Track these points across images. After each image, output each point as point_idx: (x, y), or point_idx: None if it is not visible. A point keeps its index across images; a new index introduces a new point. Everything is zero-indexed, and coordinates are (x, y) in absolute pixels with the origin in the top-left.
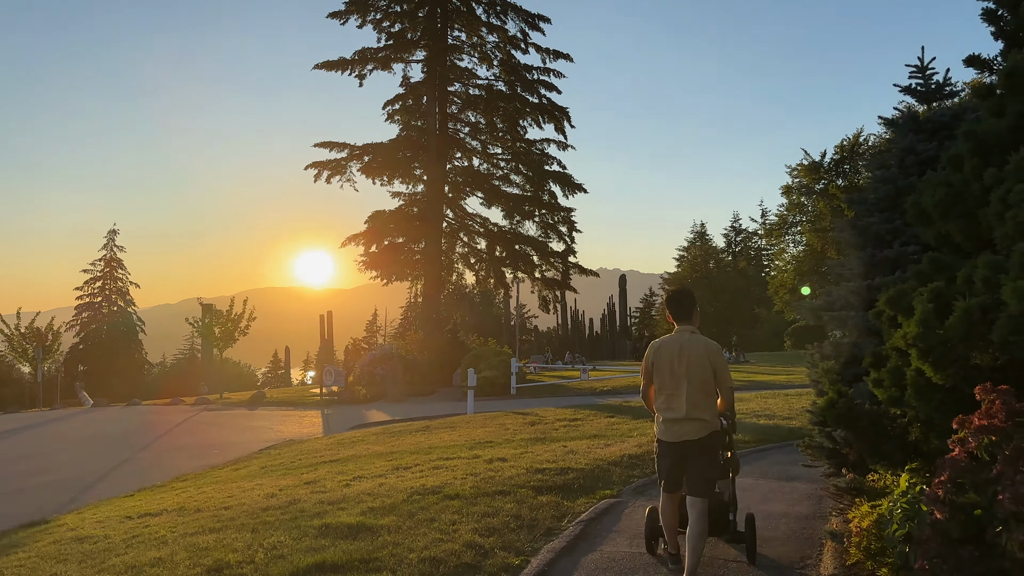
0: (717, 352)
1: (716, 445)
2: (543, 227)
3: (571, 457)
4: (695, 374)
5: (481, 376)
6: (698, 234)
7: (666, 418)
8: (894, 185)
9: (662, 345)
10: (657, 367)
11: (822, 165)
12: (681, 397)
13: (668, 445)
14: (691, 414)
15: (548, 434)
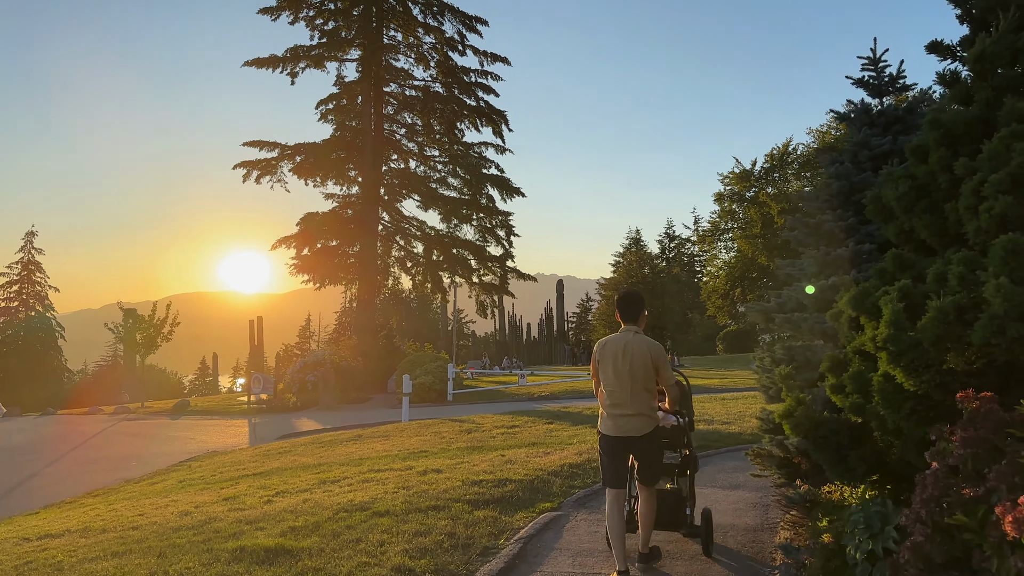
0: (659, 351)
1: (659, 438)
2: (481, 231)
3: (509, 467)
4: (638, 372)
5: (417, 382)
6: (633, 240)
7: (610, 413)
8: (848, 181)
9: (607, 344)
10: (602, 365)
11: (753, 173)
12: (625, 394)
13: (611, 440)
14: (635, 410)
15: (485, 442)
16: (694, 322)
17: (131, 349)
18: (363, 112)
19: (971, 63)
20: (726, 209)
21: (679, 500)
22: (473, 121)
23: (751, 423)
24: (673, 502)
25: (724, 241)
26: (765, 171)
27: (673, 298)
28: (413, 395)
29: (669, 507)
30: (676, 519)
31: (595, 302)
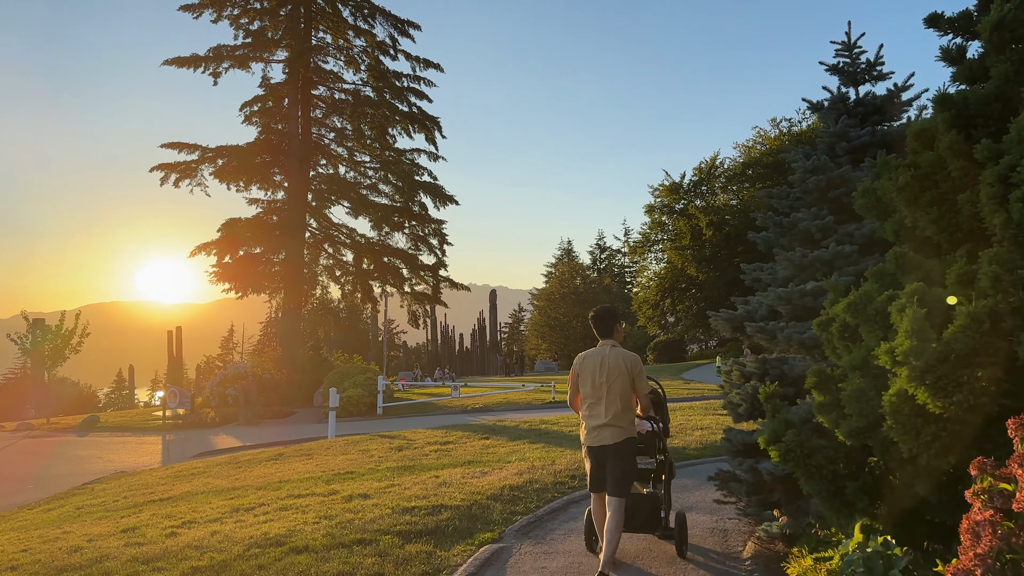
0: (635, 363)
1: (631, 450)
2: (413, 239)
3: (444, 491)
4: (615, 385)
5: (345, 395)
6: (565, 251)
7: (589, 425)
8: (824, 175)
9: (586, 357)
10: (581, 378)
11: (682, 186)
12: (601, 405)
13: (590, 449)
14: (609, 421)
15: (417, 461)
16: (625, 332)
17: (38, 362)
18: (290, 115)
19: (986, 34)
20: (656, 221)
21: (655, 504)
22: (405, 127)
23: (695, 436)
24: (650, 506)
25: (654, 252)
26: (694, 184)
27: None
28: (341, 409)
29: (645, 510)
30: (652, 522)
31: (527, 312)
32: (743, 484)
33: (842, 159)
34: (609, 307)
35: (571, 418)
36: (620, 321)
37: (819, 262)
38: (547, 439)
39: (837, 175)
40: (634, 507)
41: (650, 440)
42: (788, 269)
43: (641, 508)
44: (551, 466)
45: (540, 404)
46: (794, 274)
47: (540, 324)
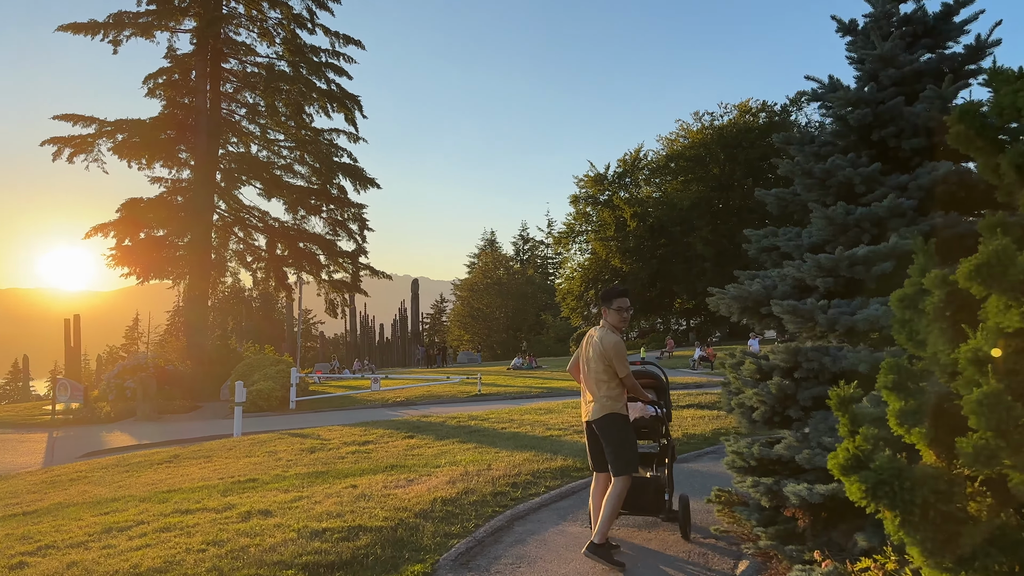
0: (611, 345)
1: (613, 427)
2: (331, 224)
3: (363, 506)
4: (595, 363)
5: (255, 389)
6: (488, 241)
7: (582, 400)
8: (870, 110)
9: (587, 335)
10: (581, 355)
11: (606, 177)
12: (588, 382)
13: (585, 424)
14: (591, 396)
15: (332, 465)
16: (547, 323)
17: None
18: (198, 88)
19: None
20: (580, 211)
21: (659, 487)
22: (323, 105)
23: None
24: (653, 489)
25: (578, 243)
26: (618, 175)
27: (527, 300)
28: (251, 404)
29: (649, 493)
30: (656, 504)
31: (450, 303)
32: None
33: (888, 91)
34: (614, 287)
35: (502, 413)
36: (613, 302)
37: (868, 220)
38: (478, 437)
39: (887, 109)
40: (638, 490)
41: (654, 425)
42: (825, 230)
43: (645, 491)
44: (487, 471)
45: (466, 397)
46: (831, 237)
47: (463, 315)
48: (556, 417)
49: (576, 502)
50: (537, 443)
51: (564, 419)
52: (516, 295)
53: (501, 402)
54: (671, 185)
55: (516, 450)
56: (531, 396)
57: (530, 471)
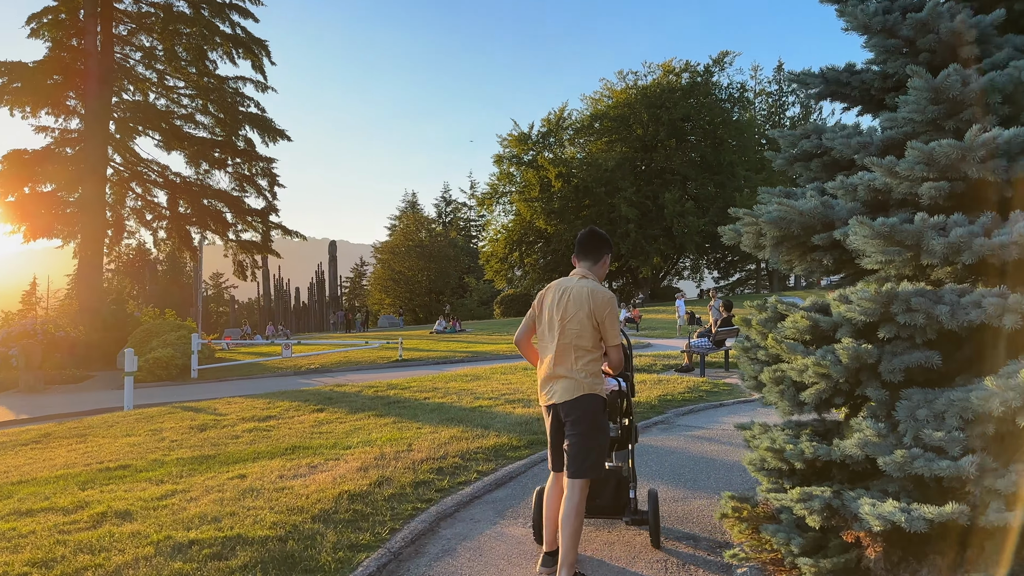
0: (604, 301)
1: (591, 414)
2: (238, 179)
3: (247, 506)
4: (571, 324)
5: (152, 356)
6: (410, 203)
7: (540, 376)
8: None
9: (549, 287)
10: (542, 313)
11: (530, 137)
12: (551, 349)
13: (545, 408)
14: (559, 371)
15: (222, 448)
16: (471, 286)
17: None
18: (87, 29)
19: None
20: (504, 172)
21: (621, 482)
22: (228, 50)
23: None
24: (614, 484)
25: (502, 204)
26: (542, 135)
27: (449, 262)
28: (149, 373)
29: (609, 491)
30: (618, 504)
31: (370, 266)
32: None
33: None
34: (602, 232)
35: (424, 381)
36: (610, 253)
37: (1000, 90)
38: (398, 410)
39: None
40: (595, 486)
41: (613, 400)
42: (921, 105)
43: (604, 487)
44: (407, 454)
45: (386, 363)
46: (926, 121)
47: (384, 278)
48: (484, 385)
49: (515, 491)
50: (465, 416)
51: (493, 387)
52: (438, 258)
53: (424, 368)
54: (595, 145)
55: (441, 425)
56: (455, 361)
57: (458, 452)
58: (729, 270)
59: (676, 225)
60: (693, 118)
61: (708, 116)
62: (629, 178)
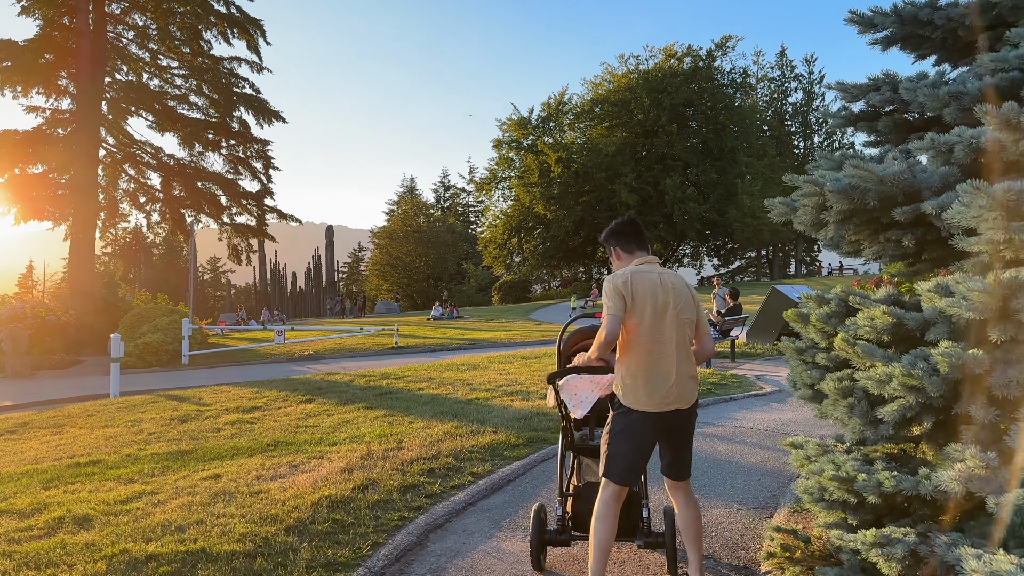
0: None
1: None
2: (232, 161)
3: (218, 512)
4: (685, 318)
5: (142, 342)
6: (408, 188)
7: (650, 377)
8: None
9: (637, 276)
10: (638, 302)
11: (530, 121)
12: (671, 347)
13: (648, 417)
14: (684, 371)
15: (201, 442)
16: (469, 272)
17: None
18: (80, 8)
19: None
20: (504, 157)
21: (631, 497)
22: (222, 30)
23: None
24: (625, 501)
25: (501, 189)
26: (542, 120)
27: (447, 248)
28: (138, 358)
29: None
30: (628, 523)
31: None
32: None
33: None
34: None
35: (419, 370)
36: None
37: None
38: (390, 402)
39: None
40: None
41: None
42: None
43: None
44: (396, 453)
45: (381, 350)
46: None
47: (381, 263)
48: (481, 375)
49: (513, 497)
50: (460, 410)
51: (491, 378)
52: (436, 243)
53: (419, 355)
54: (596, 130)
55: (434, 419)
56: (452, 348)
57: (451, 450)
58: (729, 257)
59: (677, 212)
60: (695, 103)
61: (710, 101)
62: (630, 164)
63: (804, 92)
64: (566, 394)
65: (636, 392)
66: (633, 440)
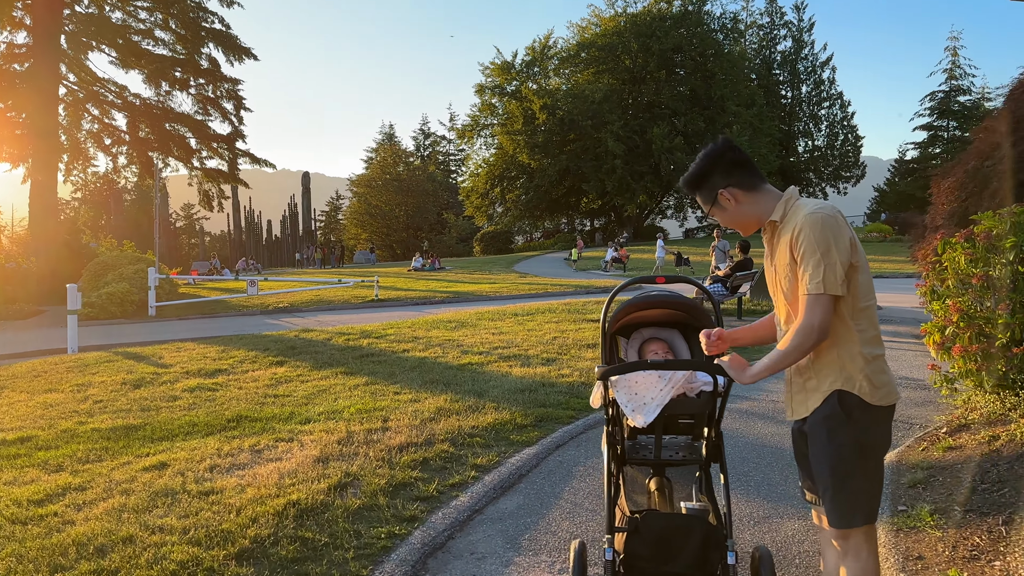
0: None
1: None
2: (201, 101)
3: (151, 524)
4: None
5: (106, 292)
6: (387, 135)
7: (883, 354)
8: None
9: (841, 217)
10: (861, 259)
11: (514, 65)
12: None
13: (888, 411)
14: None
15: (152, 415)
16: (450, 223)
17: None
18: None
19: None
20: (486, 103)
21: (708, 532)
22: None
23: (585, 363)
24: (699, 537)
25: (484, 136)
26: (526, 64)
27: (428, 197)
28: (102, 309)
29: (692, 546)
30: (705, 569)
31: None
32: None
33: None
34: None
35: (403, 327)
36: None
37: None
38: (372, 366)
39: None
40: (669, 537)
41: (704, 404)
42: None
43: (683, 544)
44: (381, 435)
45: (361, 303)
46: None
47: (360, 212)
48: (471, 334)
49: (528, 500)
50: (452, 377)
51: (482, 337)
52: (416, 192)
53: (401, 309)
54: (582, 76)
55: (424, 390)
56: (436, 302)
57: (447, 433)
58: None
59: (664, 162)
60: (684, 49)
61: (699, 47)
62: (616, 111)
63: (793, 40)
64: (623, 394)
65: (887, 374)
66: (882, 455)
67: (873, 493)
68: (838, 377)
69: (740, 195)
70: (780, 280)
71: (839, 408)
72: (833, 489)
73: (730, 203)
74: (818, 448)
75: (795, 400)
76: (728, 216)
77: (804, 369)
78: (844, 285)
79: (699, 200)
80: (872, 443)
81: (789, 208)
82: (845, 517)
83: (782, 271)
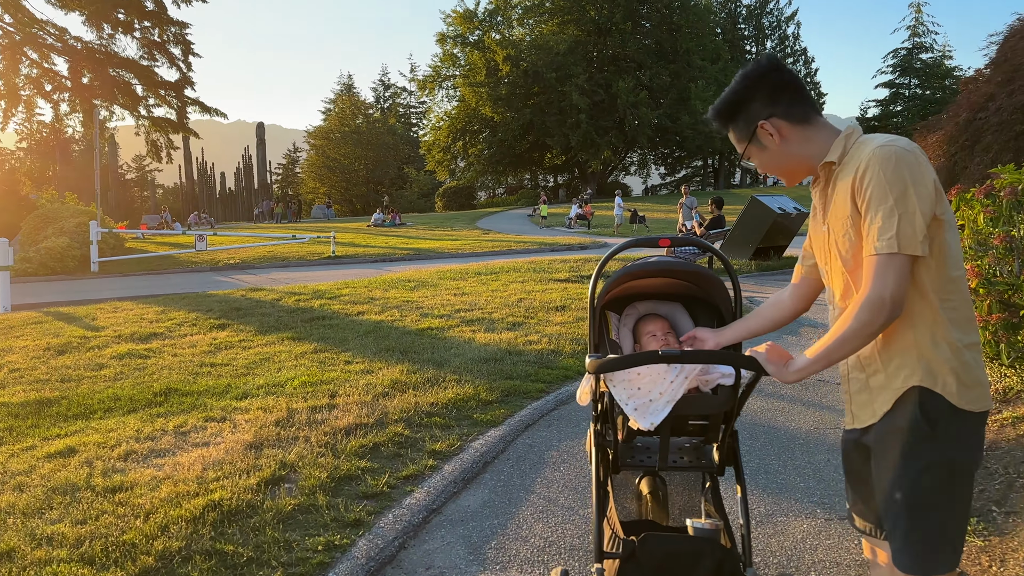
0: None
1: None
2: (147, 46)
3: (39, 534)
4: None
5: (45, 246)
6: (346, 86)
7: (979, 343)
8: None
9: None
10: (951, 215)
11: (476, 14)
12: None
13: (981, 419)
14: None
15: (71, 387)
16: (411, 177)
17: None
18: None
19: None
20: (448, 53)
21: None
22: None
23: (554, 328)
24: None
25: (445, 89)
26: (489, 13)
27: (388, 150)
28: (41, 265)
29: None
30: None
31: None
32: None
33: None
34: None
35: (359, 287)
36: None
37: None
38: (323, 331)
39: None
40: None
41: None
42: None
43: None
44: (327, 414)
45: (316, 260)
46: None
47: (318, 165)
48: (432, 295)
49: (494, 495)
50: (410, 344)
51: (443, 299)
52: (376, 145)
53: (359, 266)
54: (547, 27)
55: (378, 358)
56: (395, 260)
57: (402, 411)
58: (676, 166)
59: (628, 116)
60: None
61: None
62: (581, 64)
63: None
64: (621, 389)
65: (982, 370)
66: (973, 479)
67: (962, 529)
68: (915, 370)
69: (786, 129)
70: (837, 240)
71: (919, 414)
72: (908, 524)
73: (773, 139)
74: (887, 468)
75: (855, 402)
76: (769, 158)
77: (868, 360)
78: (926, 243)
79: (732, 137)
80: (963, 463)
81: (850, 145)
82: (923, 562)
83: (839, 227)
